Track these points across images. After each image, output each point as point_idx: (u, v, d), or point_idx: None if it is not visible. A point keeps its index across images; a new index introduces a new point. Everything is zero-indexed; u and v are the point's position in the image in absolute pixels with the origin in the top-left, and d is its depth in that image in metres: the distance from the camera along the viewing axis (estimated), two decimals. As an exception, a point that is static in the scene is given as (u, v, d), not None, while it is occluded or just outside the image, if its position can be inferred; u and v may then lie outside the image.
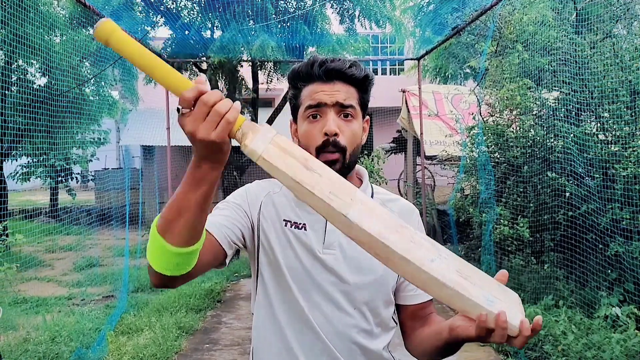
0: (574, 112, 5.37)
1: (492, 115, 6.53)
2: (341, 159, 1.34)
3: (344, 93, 1.34)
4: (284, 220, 1.39)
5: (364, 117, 1.42)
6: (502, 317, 1.04)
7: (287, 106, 1.55)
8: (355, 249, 1.26)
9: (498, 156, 6.30)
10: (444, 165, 9.28)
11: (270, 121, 10.03)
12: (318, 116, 1.35)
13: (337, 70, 1.34)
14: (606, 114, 5.13)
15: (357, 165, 1.46)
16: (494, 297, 1.08)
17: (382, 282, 1.38)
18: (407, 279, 1.07)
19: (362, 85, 1.39)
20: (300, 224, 1.38)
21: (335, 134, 1.32)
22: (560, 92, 5.76)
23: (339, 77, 1.35)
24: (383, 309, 1.40)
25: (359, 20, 9.32)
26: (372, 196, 1.47)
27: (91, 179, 15.62)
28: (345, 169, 1.35)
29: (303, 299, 1.35)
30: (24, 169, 11.05)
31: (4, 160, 9.34)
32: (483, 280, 1.11)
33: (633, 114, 4.77)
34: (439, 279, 1.03)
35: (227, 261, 1.35)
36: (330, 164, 1.27)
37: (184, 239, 1.09)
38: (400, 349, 1.50)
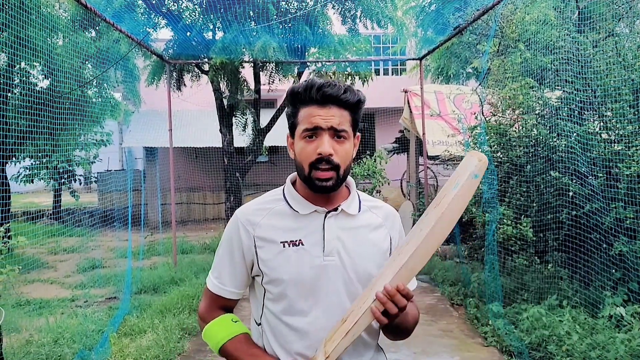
0: (576, 111, 5.35)
1: (494, 115, 6.51)
2: (335, 176, 1.49)
3: (337, 118, 1.48)
4: (281, 242, 1.54)
5: (354, 135, 1.57)
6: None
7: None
8: (351, 255, 1.55)
9: (501, 156, 6.28)
10: (447, 165, 9.26)
11: (272, 121, 10.05)
12: (314, 137, 1.49)
13: (332, 96, 1.47)
14: (609, 113, 5.11)
15: None
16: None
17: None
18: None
19: (355, 108, 1.52)
20: (296, 240, 1.53)
21: (330, 154, 1.47)
22: (563, 91, 5.74)
23: (334, 102, 1.48)
24: None
25: (360, 21, 9.31)
26: (359, 204, 1.64)
27: (94, 181, 15.65)
28: (339, 183, 1.52)
29: (309, 307, 1.53)
30: (27, 171, 11.07)
31: (7, 162, 9.35)
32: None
33: (636, 112, 4.75)
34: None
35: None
36: (324, 181, 1.49)
37: None
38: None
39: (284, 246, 1.53)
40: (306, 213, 1.56)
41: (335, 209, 1.57)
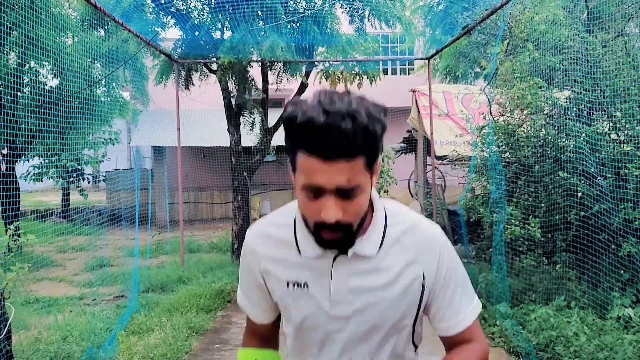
0: (585, 112, 5.32)
1: (502, 115, 6.49)
2: (346, 236, 1.19)
3: (347, 173, 1.10)
4: (286, 281, 1.33)
5: (374, 171, 1.19)
6: None
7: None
8: (366, 305, 1.28)
9: (509, 156, 6.26)
10: (455, 165, 9.24)
11: (280, 121, 10.05)
12: (315, 195, 1.14)
13: (340, 150, 1.07)
14: (618, 113, 5.09)
15: None
16: None
17: (396, 326, 1.33)
18: None
19: (371, 148, 1.13)
20: (301, 283, 1.31)
21: (337, 221, 1.14)
22: (572, 91, 5.72)
23: (343, 155, 1.08)
24: (400, 349, 1.38)
25: (368, 20, 9.29)
26: (382, 238, 1.30)
27: (102, 180, 15.73)
28: (352, 238, 1.23)
29: (320, 355, 1.37)
30: (36, 169, 11.14)
31: (17, 160, 9.41)
32: None
33: (646, 113, 4.73)
34: None
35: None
36: (331, 243, 1.21)
37: None
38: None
39: (288, 286, 1.33)
40: (311, 256, 1.29)
41: (346, 252, 1.26)
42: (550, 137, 5.75)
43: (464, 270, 1.39)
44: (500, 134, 6.25)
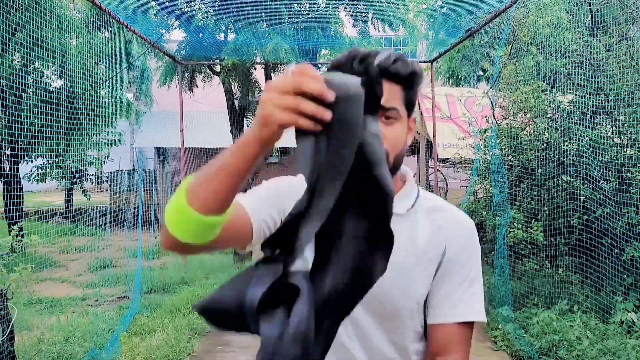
0: (589, 115, 5.32)
1: (505, 118, 6.49)
2: None
3: (385, 93, 1.07)
4: None
5: (409, 116, 1.25)
6: None
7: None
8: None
9: (512, 159, 6.25)
10: (457, 168, 9.24)
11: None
12: None
13: (379, 67, 1.05)
14: (622, 117, 5.08)
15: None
16: None
17: (409, 295, 1.25)
18: None
19: (408, 82, 1.20)
20: None
21: None
22: (575, 94, 5.71)
23: (382, 75, 1.04)
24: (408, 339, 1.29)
25: (372, 23, 9.31)
26: (415, 201, 1.31)
27: (105, 181, 15.76)
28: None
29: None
30: (40, 170, 11.16)
31: (20, 161, 9.43)
32: None
33: (649, 117, 4.72)
34: None
35: (250, 246, 1.23)
36: None
37: (208, 207, 0.96)
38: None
39: None
40: None
41: None
42: (553, 141, 5.74)
43: (480, 271, 1.35)
44: (503, 137, 6.25)
